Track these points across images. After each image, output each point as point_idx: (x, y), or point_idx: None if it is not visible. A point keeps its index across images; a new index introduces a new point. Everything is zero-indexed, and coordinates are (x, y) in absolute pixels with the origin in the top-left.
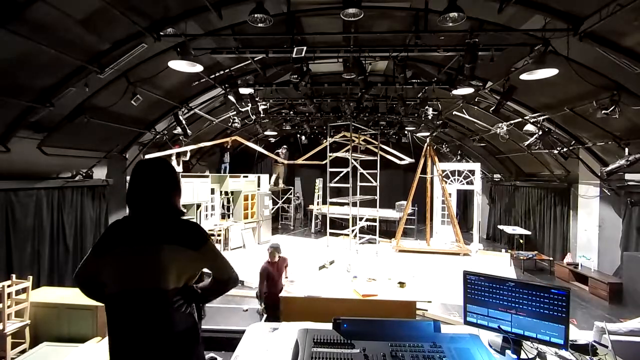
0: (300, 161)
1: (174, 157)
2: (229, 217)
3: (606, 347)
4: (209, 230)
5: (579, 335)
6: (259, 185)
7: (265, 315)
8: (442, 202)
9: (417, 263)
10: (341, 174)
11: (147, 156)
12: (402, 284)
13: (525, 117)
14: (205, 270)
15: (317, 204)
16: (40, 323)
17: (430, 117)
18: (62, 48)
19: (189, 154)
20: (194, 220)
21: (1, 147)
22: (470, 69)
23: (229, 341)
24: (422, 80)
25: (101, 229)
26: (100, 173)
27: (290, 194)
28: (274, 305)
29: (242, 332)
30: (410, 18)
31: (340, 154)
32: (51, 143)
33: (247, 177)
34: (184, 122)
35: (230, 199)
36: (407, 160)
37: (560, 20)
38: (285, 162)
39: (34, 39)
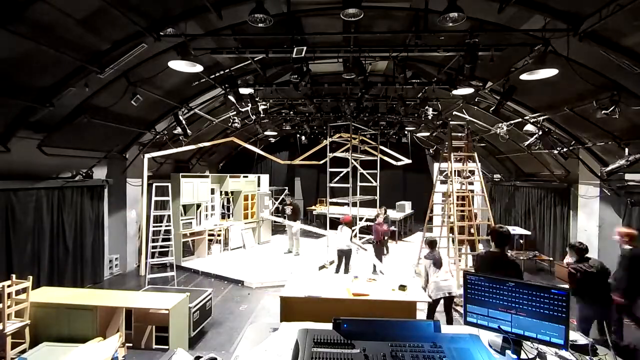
0: (297, 161)
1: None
2: (229, 217)
3: (606, 347)
4: (209, 230)
5: (579, 335)
6: (258, 185)
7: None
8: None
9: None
10: (341, 174)
11: (147, 156)
12: (403, 287)
13: (525, 117)
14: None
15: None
16: (40, 323)
17: (430, 117)
18: (62, 48)
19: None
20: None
21: (1, 147)
22: (470, 69)
23: None
24: (422, 80)
25: (100, 229)
26: (100, 173)
27: (285, 194)
28: None
29: None
30: (410, 18)
31: (338, 154)
32: (51, 143)
33: (247, 177)
34: (184, 122)
35: (231, 199)
36: (405, 161)
37: (560, 20)
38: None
39: (34, 39)
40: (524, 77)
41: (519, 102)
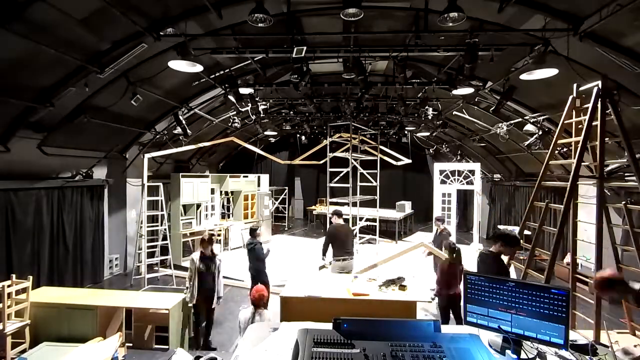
0: (297, 161)
1: None
2: (229, 217)
3: (606, 347)
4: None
5: (579, 335)
6: (258, 185)
7: None
8: (442, 202)
9: (417, 263)
10: (341, 174)
11: (147, 156)
12: (403, 287)
13: (525, 117)
14: None
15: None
16: (40, 323)
17: (430, 117)
18: (62, 48)
19: None
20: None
21: (1, 147)
22: (470, 69)
23: None
24: (422, 80)
25: (100, 229)
26: (100, 173)
27: (285, 194)
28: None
29: None
30: (410, 18)
31: (338, 154)
32: (51, 143)
33: (247, 177)
34: (184, 122)
35: (231, 199)
36: (405, 161)
37: (560, 20)
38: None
39: (34, 39)
40: (524, 77)
41: (519, 102)
